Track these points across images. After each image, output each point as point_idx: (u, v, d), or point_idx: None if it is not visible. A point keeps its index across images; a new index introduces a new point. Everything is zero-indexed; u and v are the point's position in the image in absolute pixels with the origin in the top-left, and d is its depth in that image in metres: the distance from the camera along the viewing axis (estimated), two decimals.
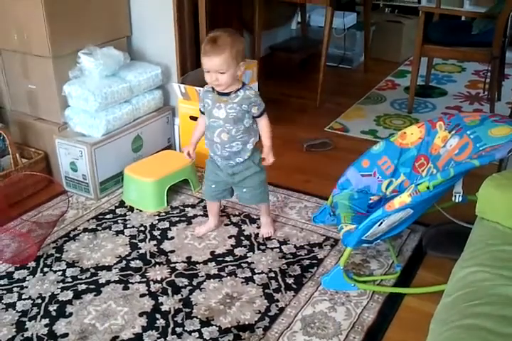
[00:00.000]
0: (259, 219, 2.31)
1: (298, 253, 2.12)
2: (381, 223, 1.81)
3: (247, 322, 1.79)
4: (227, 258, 2.09)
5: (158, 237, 2.22)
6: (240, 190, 2.12)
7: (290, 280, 1.97)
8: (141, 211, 2.41)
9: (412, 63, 3.35)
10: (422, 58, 3.30)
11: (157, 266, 2.06)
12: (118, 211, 2.41)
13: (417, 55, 3.26)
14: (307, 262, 2.07)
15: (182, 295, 1.90)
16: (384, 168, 2.15)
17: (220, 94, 1.95)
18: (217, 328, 1.76)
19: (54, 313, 1.83)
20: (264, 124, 2.02)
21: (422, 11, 3.18)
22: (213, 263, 2.06)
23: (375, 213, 1.80)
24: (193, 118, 2.67)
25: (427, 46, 3.20)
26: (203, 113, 2.04)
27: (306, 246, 2.16)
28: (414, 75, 3.33)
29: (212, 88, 1.96)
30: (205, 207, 2.41)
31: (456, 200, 1.91)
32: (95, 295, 1.91)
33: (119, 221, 2.34)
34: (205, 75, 1.89)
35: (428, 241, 2.13)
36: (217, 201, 2.24)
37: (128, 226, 2.30)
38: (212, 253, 2.12)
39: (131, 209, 2.43)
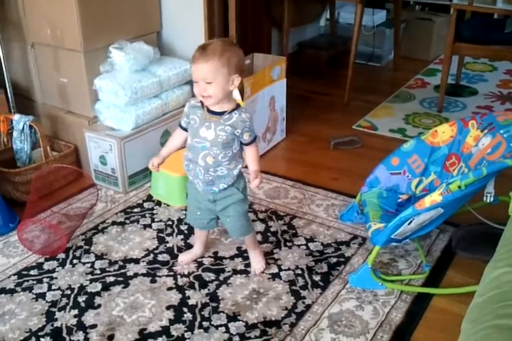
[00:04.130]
0: (286, 215, 2.31)
1: (325, 251, 2.11)
2: (411, 222, 1.79)
3: (273, 318, 1.79)
4: None
5: (186, 232, 2.23)
6: (225, 219, 1.91)
7: (317, 278, 1.97)
8: (168, 205, 2.42)
9: (443, 61, 3.31)
10: (452, 56, 3.26)
11: None
12: (146, 205, 2.43)
13: (448, 53, 3.21)
14: (334, 260, 2.06)
15: (209, 290, 1.91)
16: (414, 167, 2.13)
17: (210, 112, 1.73)
18: (244, 323, 1.77)
19: (83, 304, 1.85)
20: (253, 152, 1.80)
21: (454, 8, 3.13)
22: (240, 259, 2.07)
23: (405, 211, 1.78)
24: None
25: (459, 44, 3.15)
26: (182, 128, 1.83)
27: (333, 244, 2.15)
28: (444, 74, 3.28)
29: (202, 104, 1.74)
30: None
31: (488, 200, 1.89)
32: (123, 288, 1.93)
33: (147, 215, 2.35)
34: (194, 87, 1.70)
35: (458, 241, 2.10)
36: (206, 231, 2.05)
37: (156, 220, 2.32)
38: (238, 248, 2.12)
39: (159, 203, 2.44)
